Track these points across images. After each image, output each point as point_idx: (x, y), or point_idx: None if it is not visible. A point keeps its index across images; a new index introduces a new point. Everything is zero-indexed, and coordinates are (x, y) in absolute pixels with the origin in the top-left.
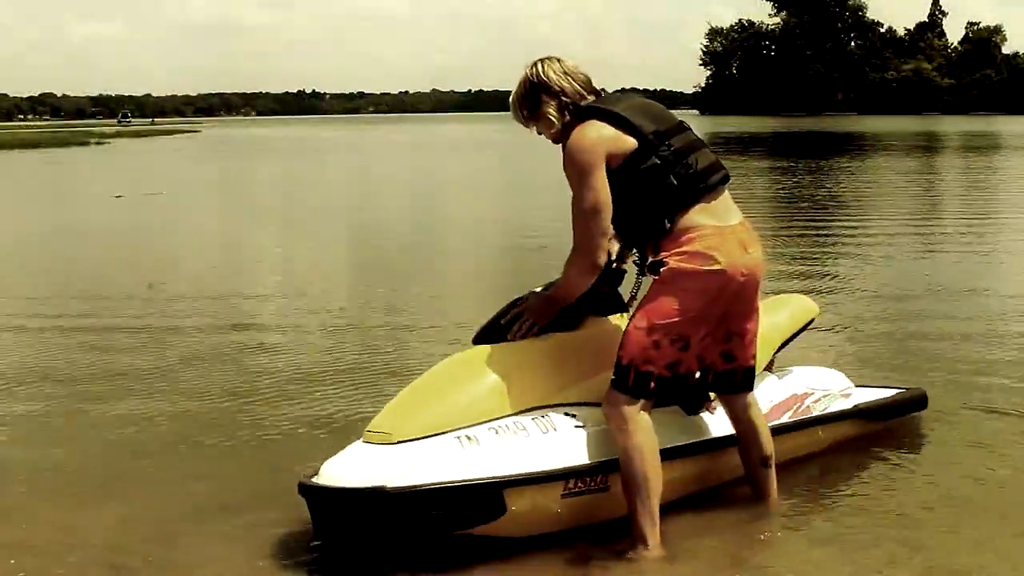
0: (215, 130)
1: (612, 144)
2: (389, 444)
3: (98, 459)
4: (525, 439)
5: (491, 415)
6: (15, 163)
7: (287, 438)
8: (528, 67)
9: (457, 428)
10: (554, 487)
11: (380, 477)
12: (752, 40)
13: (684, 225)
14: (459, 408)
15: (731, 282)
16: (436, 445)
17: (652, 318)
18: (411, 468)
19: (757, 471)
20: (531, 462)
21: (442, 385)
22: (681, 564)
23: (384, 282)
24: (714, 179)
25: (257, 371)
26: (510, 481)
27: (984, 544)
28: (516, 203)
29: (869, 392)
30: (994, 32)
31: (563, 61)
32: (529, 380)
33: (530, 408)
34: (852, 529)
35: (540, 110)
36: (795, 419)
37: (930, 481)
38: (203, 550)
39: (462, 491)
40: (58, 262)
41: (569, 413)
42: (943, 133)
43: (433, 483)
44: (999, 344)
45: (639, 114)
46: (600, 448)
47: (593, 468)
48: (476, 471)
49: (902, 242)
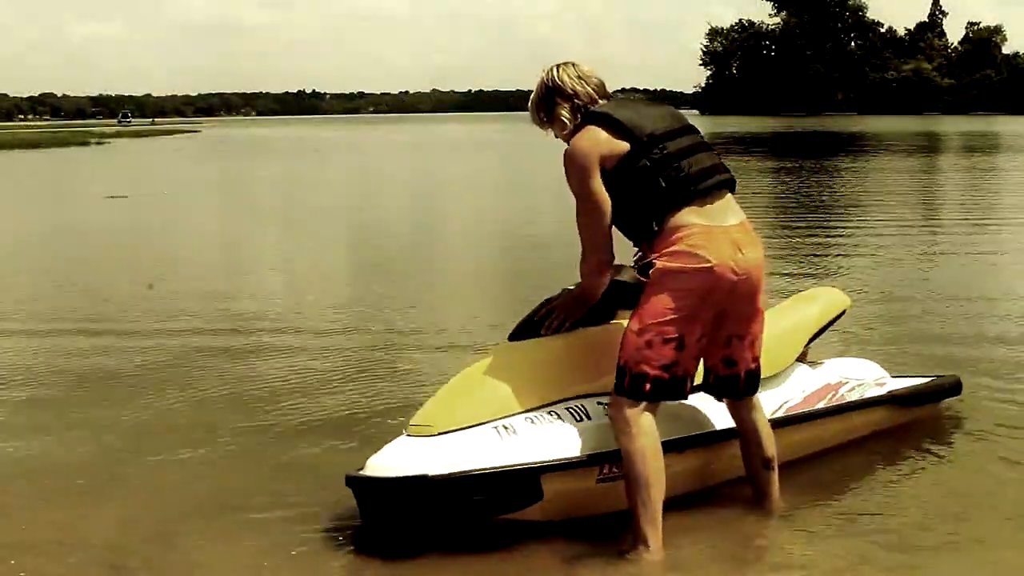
0: (215, 130)
1: (606, 147)
2: (431, 436)
3: (98, 459)
4: (560, 427)
5: (527, 406)
6: (15, 163)
7: (287, 438)
8: (545, 71)
9: (495, 419)
10: (589, 472)
11: (422, 466)
12: (752, 40)
13: (673, 225)
14: (496, 400)
15: (721, 280)
16: (475, 435)
17: (643, 318)
18: (451, 457)
19: (759, 473)
20: (566, 449)
21: (480, 379)
22: (681, 566)
23: (386, 283)
24: (709, 183)
25: (257, 371)
26: (546, 467)
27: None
28: (518, 203)
29: (903, 381)
30: (994, 32)
31: (578, 66)
32: (562, 372)
33: (564, 399)
34: (856, 530)
35: (555, 112)
36: (829, 406)
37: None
38: (203, 550)
39: (500, 477)
40: (59, 262)
41: (601, 402)
42: (945, 133)
43: (472, 470)
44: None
45: (638, 118)
46: None
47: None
48: (514, 458)
49: (917, 242)
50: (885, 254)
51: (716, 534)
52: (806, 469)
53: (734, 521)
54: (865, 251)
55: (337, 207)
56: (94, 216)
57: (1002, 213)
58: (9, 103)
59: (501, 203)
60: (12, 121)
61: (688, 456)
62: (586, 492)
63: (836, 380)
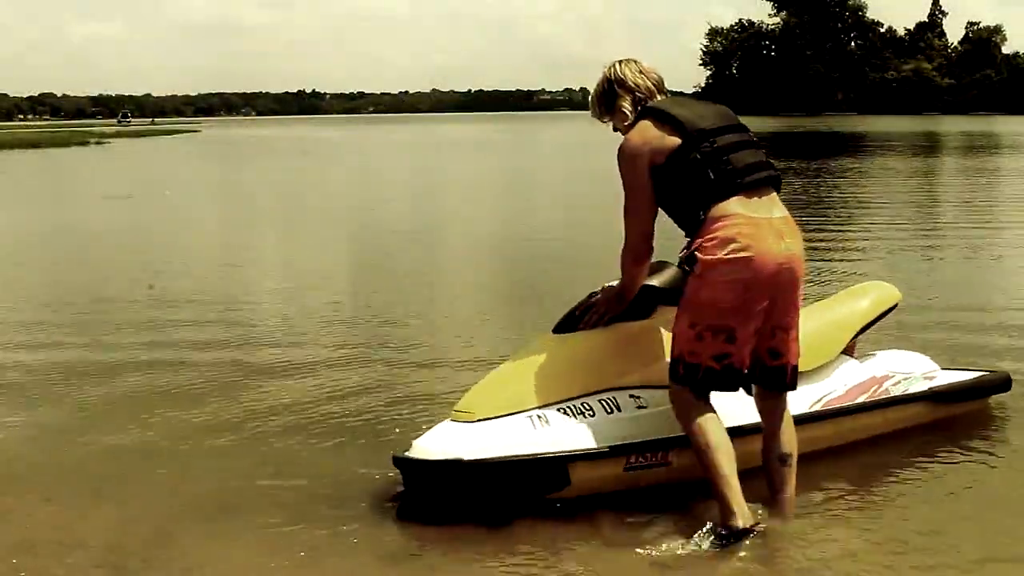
0: (215, 130)
1: (657, 143)
2: (471, 422)
3: (98, 459)
4: (591, 418)
5: (562, 397)
6: (15, 163)
7: (287, 439)
8: (607, 67)
9: (531, 408)
10: (617, 462)
11: (459, 450)
12: (752, 40)
13: (717, 214)
14: (533, 391)
15: (763, 269)
16: (511, 423)
17: (691, 311)
18: (487, 442)
19: (774, 467)
20: (595, 439)
21: (520, 369)
22: (707, 560)
23: (389, 289)
24: (754, 177)
25: (258, 372)
26: (574, 456)
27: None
28: (519, 203)
29: (953, 375)
30: (994, 32)
31: (639, 62)
32: (597, 365)
33: (597, 391)
34: (876, 527)
35: (616, 104)
36: (870, 400)
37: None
38: (203, 550)
39: (530, 464)
40: (59, 262)
41: (633, 395)
42: (949, 133)
43: (504, 456)
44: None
45: (690, 114)
46: (660, 426)
47: (653, 444)
48: (545, 447)
49: (944, 243)
50: (919, 252)
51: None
52: (829, 463)
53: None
54: (899, 248)
55: (341, 208)
56: (97, 216)
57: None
58: (9, 103)
59: (501, 204)
60: (12, 121)
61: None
62: (614, 479)
63: (882, 373)
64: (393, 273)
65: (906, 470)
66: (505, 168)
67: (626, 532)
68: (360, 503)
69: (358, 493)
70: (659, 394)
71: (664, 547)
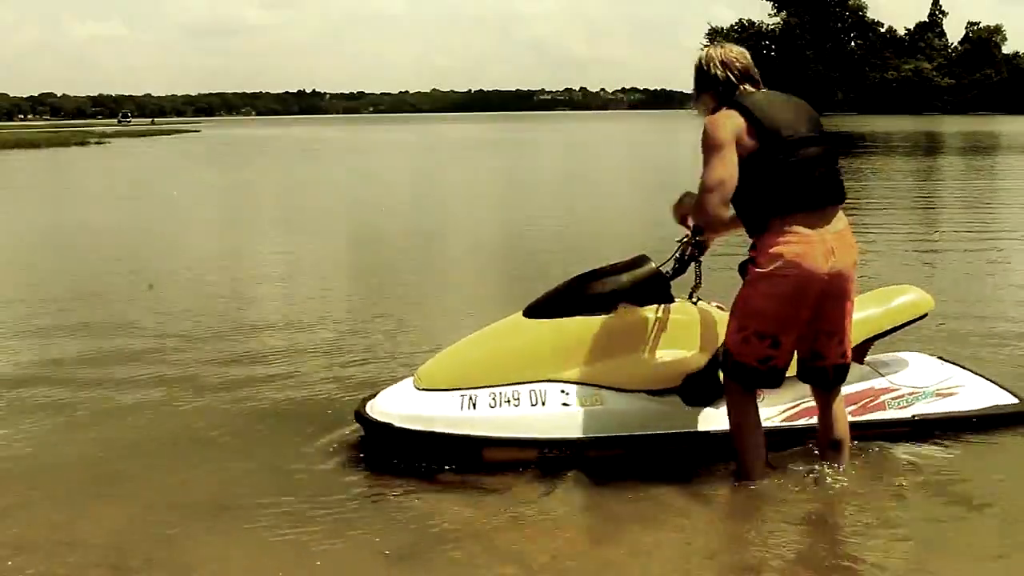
0: (215, 130)
1: (740, 133)
2: (418, 389)
3: (98, 459)
4: (514, 408)
5: (497, 382)
6: (17, 163)
7: (287, 439)
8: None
9: (466, 388)
10: (528, 451)
11: (394, 415)
12: (752, 40)
13: (779, 228)
14: (475, 371)
15: (807, 286)
16: (444, 399)
17: (741, 316)
18: (418, 413)
19: (826, 452)
20: (511, 429)
21: (475, 347)
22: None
23: (392, 292)
24: (826, 196)
25: (258, 373)
26: (490, 441)
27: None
28: (521, 204)
29: (973, 394)
30: (994, 32)
31: (727, 45)
32: (542, 356)
33: (532, 381)
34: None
35: (702, 90)
36: (853, 417)
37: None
38: (203, 550)
39: (447, 440)
40: (61, 261)
41: (564, 391)
42: (951, 133)
43: (426, 429)
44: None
45: (774, 118)
46: (580, 425)
47: (569, 442)
48: (464, 428)
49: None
50: (947, 255)
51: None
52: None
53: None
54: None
55: (346, 209)
56: (98, 216)
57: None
58: (9, 103)
59: (504, 204)
60: (12, 121)
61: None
62: (528, 463)
63: (883, 386)
64: (398, 272)
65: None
66: (507, 169)
67: (628, 531)
68: (360, 503)
69: (358, 493)
70: (590, 392)
71: (666, 546)
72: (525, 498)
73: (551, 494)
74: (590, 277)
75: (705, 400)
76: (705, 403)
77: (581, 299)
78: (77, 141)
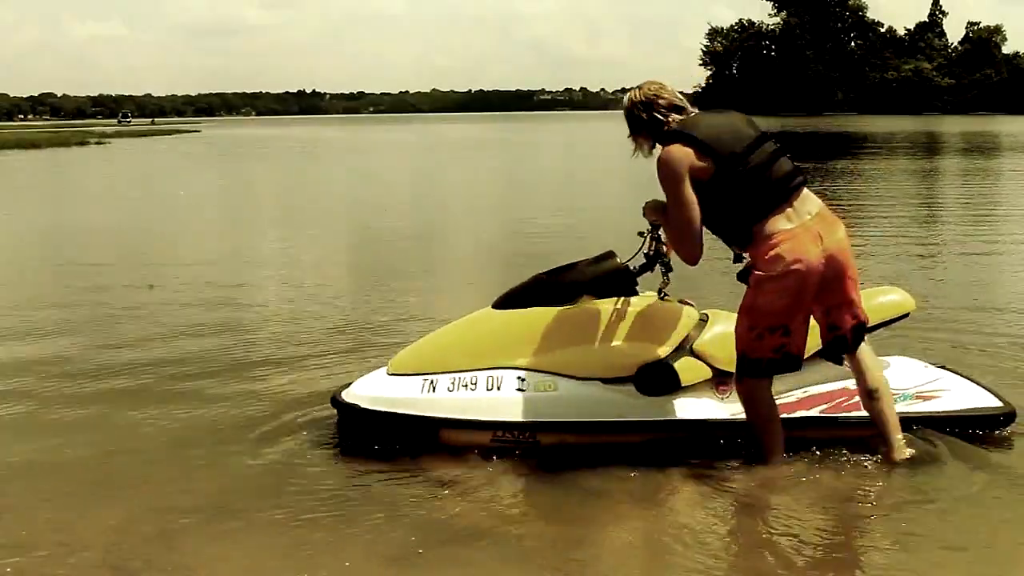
0: (216, 130)
1: (692, 161)
2: (389, 375)
3: (98, 459)
4: (471, 392)
5: (458, 368)
6: (17, 163)
7: (287, 439)
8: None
9: (429, 373)
10: (482, 433)
11: (363, 398)
12: (752, 40)
13: (766, 233)
14: (440, 357)
15: (811, 274)
16: (408, 383)
17: (750, 317)
18: (384, 396)
19: (870, 406)
20: (466, 411)
21: (445, 336)
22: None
23: (395, 287)
24: (791, 185)
25: (258, 374)
26: (446, 422)
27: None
28: (521, 204)
29: (955, 396)
30: (994, 32)
31: (654, 82)
32: (502, 344)
33: (491, 367)
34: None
35: (641, 127)
36: (821, 415)
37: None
38: (203, 550)
39: (405, 420)
40: (61, 261)
41: (520, 377)
42: (950, 133)
43: (388, 410)
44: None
45: (718, 136)
46: (532, 409)
47: (521, 425)
48: (421, 409)
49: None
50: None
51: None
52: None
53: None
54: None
55: (345, 209)
56: (100, 216)
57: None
58: (9, 103)
59: (503, 204)
60: (12, 121)
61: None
62: (484, 445)
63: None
64: (398, 272)
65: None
66: (508, 168)
67: (629, 531)
68: (360, 503)
69: (358, 493)
70: (545, 378)
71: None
72: (525, 497)
73: (551, 493)
74: (556, 271)
75: (659, 390)
76: (659, 393)
77: (545, 291)
78: (77, 141)
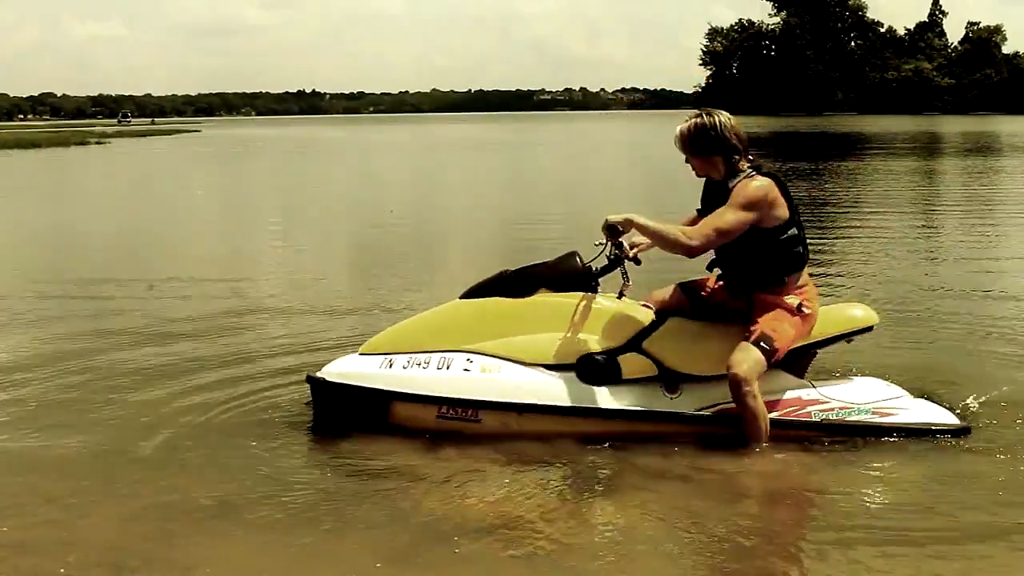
0: (216, 130)
1: (774, 201)
2: (358, 354)
3: (99, 458)
4: (422, 370)
5: (415, 349)
6: (17, 163)
7: (287, 439)
8: (698, 116)
9: (389, 353)
10: (428, 408)
11: (333, 373)
12: (752, 40)
13: (798, 281)
14: (402, 340)
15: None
16: (370, 361)
17: (775, 341)
18: (347, 372)
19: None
20: (415, 387)
21: (412, 323)
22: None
23: (394, 287)
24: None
25: (258, 372)
26: (396, 395)
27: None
28: (530, 201)
29: (913, 413)
30: (994, 32)
31: (729, 117)
32: (457, 329)
33: (444, 350)
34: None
35: (711, 150)
36: (776, 417)
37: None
38: (203, 550)
39: (358, 392)
40: (60, 261)
41: (469, 359)
42: (950, 133)
43: (345, 383)
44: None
45: (787, 192)
46: (474, 388)
47: (464, 402)
48: (373, 383)
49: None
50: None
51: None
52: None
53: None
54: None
55: (345, 209)
56: (102, 216)
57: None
58: (9, 103)
59: (502, 204)
60: (12, 121)
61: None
62: (432, 423)
63: (812, 397)
64: (397, 271)
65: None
66: (508, 168)
67: (629, 531)
68: (360, 503)
69: (358, 493)
70: (491, 361)
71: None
72: (525, 496)
73: (551, 492)
74: (521, 269)
75: (598, 380)
76: (598, 383)
77: (507, 285)
78: (77, 141)
